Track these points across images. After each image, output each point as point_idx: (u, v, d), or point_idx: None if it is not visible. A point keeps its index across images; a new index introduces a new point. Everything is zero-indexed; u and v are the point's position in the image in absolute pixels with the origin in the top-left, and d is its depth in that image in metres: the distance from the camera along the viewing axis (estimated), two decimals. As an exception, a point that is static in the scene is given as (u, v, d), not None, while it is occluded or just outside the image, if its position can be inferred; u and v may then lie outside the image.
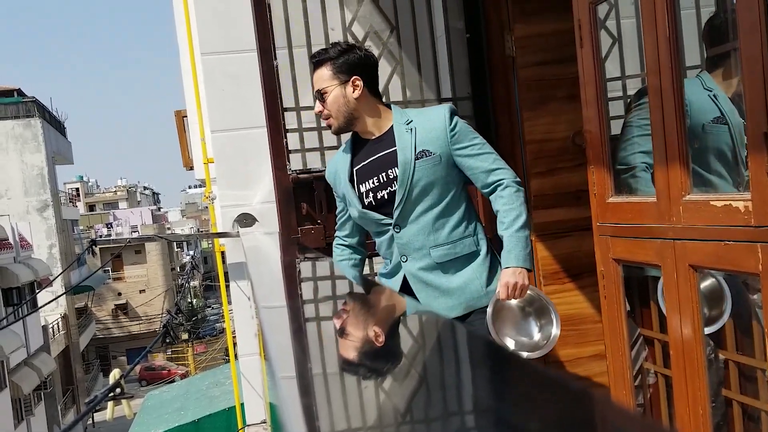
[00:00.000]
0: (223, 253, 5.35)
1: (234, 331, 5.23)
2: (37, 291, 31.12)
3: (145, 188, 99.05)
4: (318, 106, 3.52)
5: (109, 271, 57.98)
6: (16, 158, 40.34)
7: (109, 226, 67.85)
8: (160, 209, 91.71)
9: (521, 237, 3.37)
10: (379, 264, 3.82)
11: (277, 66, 4.19)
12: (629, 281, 3.40)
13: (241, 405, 5.31)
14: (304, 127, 4.30)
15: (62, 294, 23.00)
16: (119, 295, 59.83)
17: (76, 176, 78.61)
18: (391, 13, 4.47)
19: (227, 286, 5.07)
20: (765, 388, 2.96)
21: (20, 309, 30.25)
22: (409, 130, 3.43)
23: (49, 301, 11.63)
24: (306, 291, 2.81)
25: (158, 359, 51.60)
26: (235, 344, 5.65)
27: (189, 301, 59.85)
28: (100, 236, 58.65)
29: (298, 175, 4.26)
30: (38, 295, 29.61)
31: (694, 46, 3.22)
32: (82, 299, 49.56)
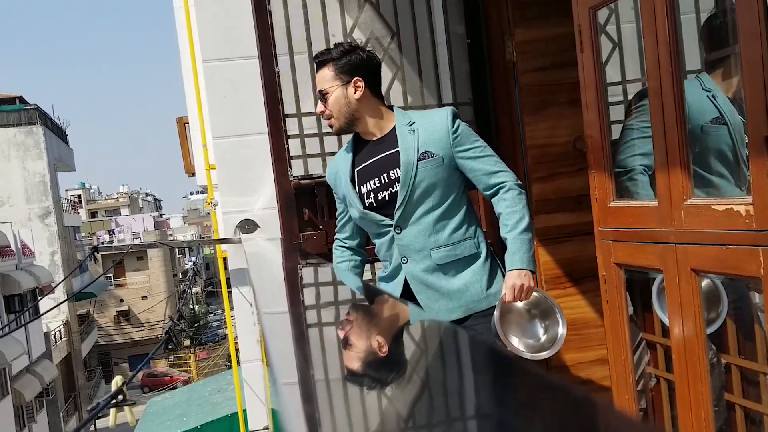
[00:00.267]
0: (225, 260, 5.34)
1: (236, 338, 5.23)
2: (39, 298, 31.07)
3: (147, 195, 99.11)
4: (320, 106, 3.53)
5: (111, 277, 57.98)
6: (18, 165, 40.35)
7: (111, 233, 67.93)
8: (162, 216, 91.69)
9: (525, 239, 3.38)
10: (380, 269, 3.82)
11: (279, 72, 4.20)
12: (631, 285, 3.41)
13: (244, 411, 5.30)
14: (305, 132, 4.30)
15: (64, 301, 23.00)
16: (121, 301, 59.83)
17: (78, 183, 78.77)
18: (392, 19, 4.47)
19: (229, 293, 5.07)
20: (767, 392, 2.96)
21: (22, 316, 30.26)
22: (412, 132, 3.43)
23: (51, 308, 11.63)
24: (308, 297, 2.81)
25: (160, 366, 51.56)
26: (237, 350, 5.65)
27: (191, 307, 59.85)
28: (102, 243, 58.78)
29: (300, 181, 4.26)
30: (40, 302, 29.59)
31: (693, 50, 3.22)
32: (84, 306, 49.51)
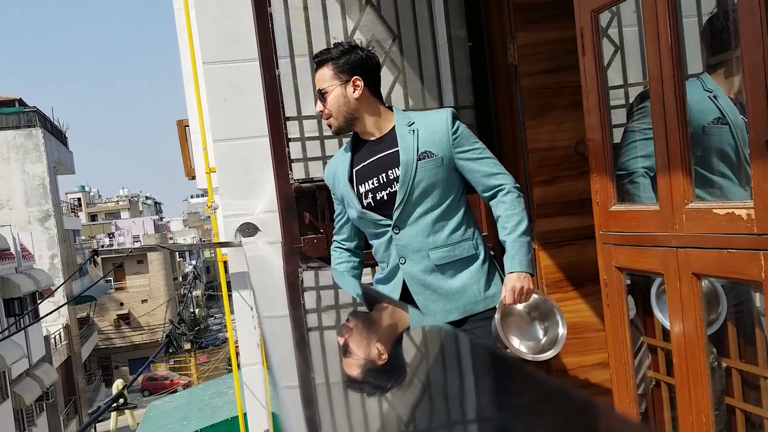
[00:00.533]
0: (225, 263, 5.34)
1: (237, 341, 5.22)
2: (39, 301, 31.08)
3: (147, 198, 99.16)
4: (319, 106, 3.53)
5: (111, 281, 57.94)
6: (18, 168, 40.38)
7: (111, 236, 67.90)
8: (162, 219, 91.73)
9: (523, 242, 3.39)
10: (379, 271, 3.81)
11: (279, 75, 4.19)
12: (632, 288, 3.40)
13: (244, 415, 5.29)
14: (306, 136, 4.30)
15: (64, 304, 23.01)
16: (121, 305, 59.81)
17: (77, 186, 78.66)
18: (393, 22, 4.47)
19: (230, 296, 5.06)
20: (769, 396, 2.95)
21: (22, 319, 30.26)
22: (412, 132, 3.43)
23: (51, 312, 11.63)
24: (308, 300, 2.80)
25: (161, 369, 51.55)
26: (237, 354, 5.65)
27: (191, 310, 59.88)
28: (102, 246, 58.70)
29: (301, 185, 4.26)
30: (40, 306, 29.59)
31: (695, 54, 3.22)
32: (84, 309, 49.53)
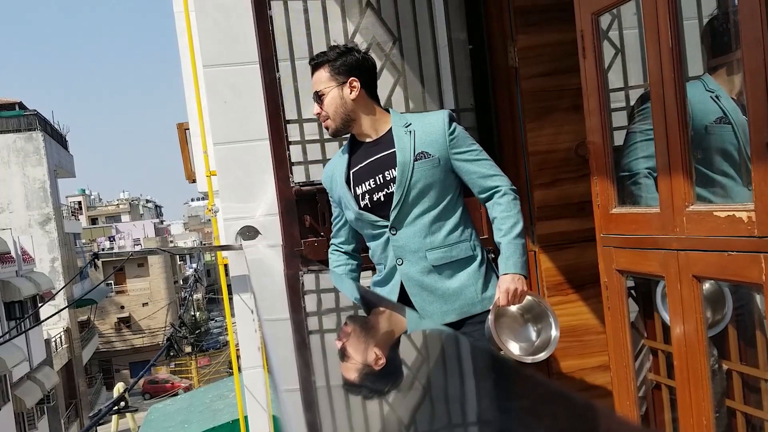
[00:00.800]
0: (226, 266, 5.33)
1: (237, 344, 5.22)
2: (40, 305, 31.10)
3: (148, 201, 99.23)
4: (316, 108, 3.55)
5: (111, 284, 57.98)
6: (18, 171, 40.38)
7: (112, 240, 67.95)
8: (162, 222, 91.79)
9: (519, 244, 3.40)
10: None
11: (279, 78, 4.19)
12: (634, 290, 3.40)
13: (245, 418, 5.29)
14: (306, 139, 4.30)
15: (65, 308, 23.02)
16: (122, 308, 59.83)
17: (78, 189, 78.88)
18: (394, 25, 4.47)
19: (230, 299, 5.05)
20: (770, 399, 2.95)
21: (23, 323, 30.26)
22: (409, 133, 3.44)
23: (52, 315, 11.61)
24: (309, 304, 2.80)
25: (162, 372, 51.55)
26: (238, 357, 5.64)
27: (192, 314, 59.86)
28: (103, 249, 58.78)
29: (301, 188, 4.26)
30: (41, 309, 29.60)
31: (696, 56, 3.22)
32: (84, 313, 49.54)
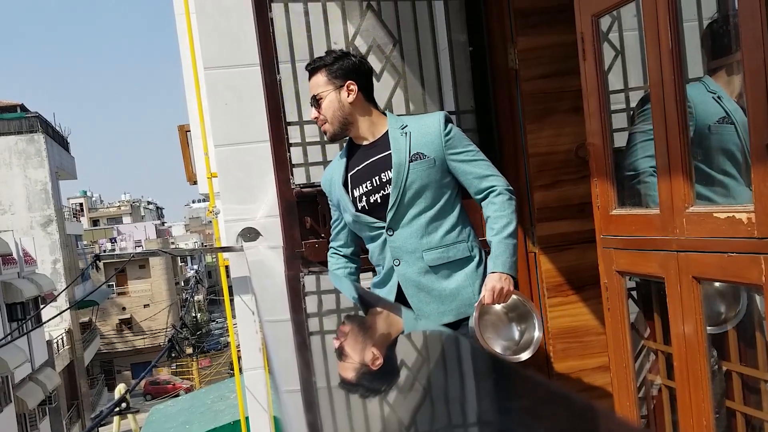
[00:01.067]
0: (227, 267, 5.34)
1: (238, 345, 5.22)
2: (42, 306, 31.10)
3: (149, 203, 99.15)
4: (313, 112, 3.58)
5: (113, 285, 57.97)
6: (20, 173, 40.37)
7: (113, 241, 67.95)
8: (164, 224, 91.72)
9: (509, 244, 3.39)
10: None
11: (280, 80, 4.20)
12: (635, 291, 3.41)
13: (246, 419, 5.29)
14: (307, 140, 4.30)
15: (66, 309, 23.01)
16: (123, 309, 59.81)
17: (79, 191, 78.87)
18: (394, 27, 4.48)
19: (231, 300, 5.06)
20: (770, 400, 2.95)
21: (25, 324, 30.27)
22: (404, 134, 3.46)
23: (54, 316, 11.62)
24: (310, 305, 2.81)
25: (163, 373, 51.52)
26: (239, 358, 5.65)
27: (193, 315, 59.81)
28: (104, 251, 58.80)
29: (302, 189, 4.26)
30: (42, 311, 29.60)
31: (696, 58, 3.23)
32: (86, 314, 49.50)
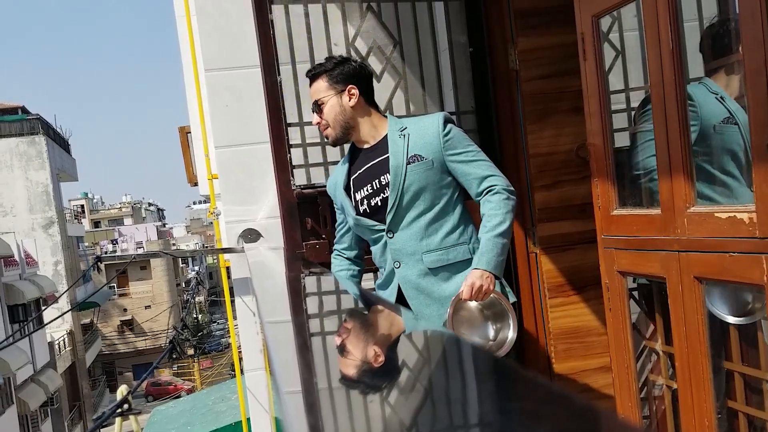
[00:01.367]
0: (228, 269, 5.34)
1: (239, 346, 5.22)
2: (43, 308, 31.09)
3: (150, 204, 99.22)
4: (315, 117, 3.60)
5: (114, 287, 57.99)
6: (21, 175, 40.37)
7: (115, 243, 67.99)
8: (165, 225, 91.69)
9: (498, 243, 3.35)
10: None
11: (281, 81, 4.20)
12: (637, 291, 3.40)
13: (248, 420, 5.29)
14: (307, 142, 4.30)
15: (68, 311, 23.02)
16: (125, 311, 59.82)
17: (80, 193, 78.92)
18: (394, 28, 4.47)
19: (232, 302, 5.06)
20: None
21: (26, 326, 30.27)
22: (403, 136, 3.46)
23: (55, 318, 11.60)
24: (311, 306, 2.81)
25: (164, 375, 51.53)
26: (240, 359, 5.65)
27: (194, 316, 59.85)
28: (106, 253, 58.83)
29: (303, 190, 4.26)
30: (44, 312, 29.60)
31: (697, 58, 3.22)
32: (87, 315, 49.59)
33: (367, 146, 3.59)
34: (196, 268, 77.27)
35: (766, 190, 2.35)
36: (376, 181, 3.49)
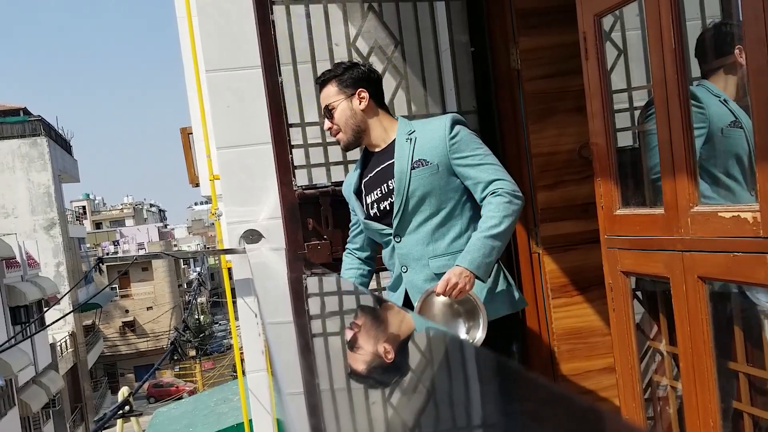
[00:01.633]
0: (229, 270, 5.33)
1: (241, 348, 5.22)
2: (45, 309, 31.13)
3: (152, 205, 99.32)
4: (327, 123, 3.59)
5: (116, 288, 58.01)
6: (23, 177, 40.44)
7: (116, 244, 68.08)
8: (166, 226, 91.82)
9: (487, 244, 3.24)
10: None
11: (282, 82, 4.19)
12: (640, 291, 3.39)
13: (249, 421, 5.29)
14: (309, 142, 4.29)
15: (70, 312, 23.07)
16: (126, 312, 59.85)
17: (82, 194, 79.05)
18: (396, 28, 4.46)
19: (234, 303, 5.05)
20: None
21: (28, 327, 30.29)
22: (409, 140, 3.44)
23: (57, 319, 11.63)
24: (312, 307, 2.80)
25: (166, 376, 51.56)
26: (242, 360, 5.64)
27: (196, 317, 59.86)
28: (107, 254, 58.89)
29: (304, 191, 4.25)
30: (46, 314, 29.62)
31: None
32: (89, 317, 49.61)
33: (378, 149, 3.58)
34: (198, 269, 77.25)
35: (770, 189, 2.34)
36: (384, 186, 3.48)
